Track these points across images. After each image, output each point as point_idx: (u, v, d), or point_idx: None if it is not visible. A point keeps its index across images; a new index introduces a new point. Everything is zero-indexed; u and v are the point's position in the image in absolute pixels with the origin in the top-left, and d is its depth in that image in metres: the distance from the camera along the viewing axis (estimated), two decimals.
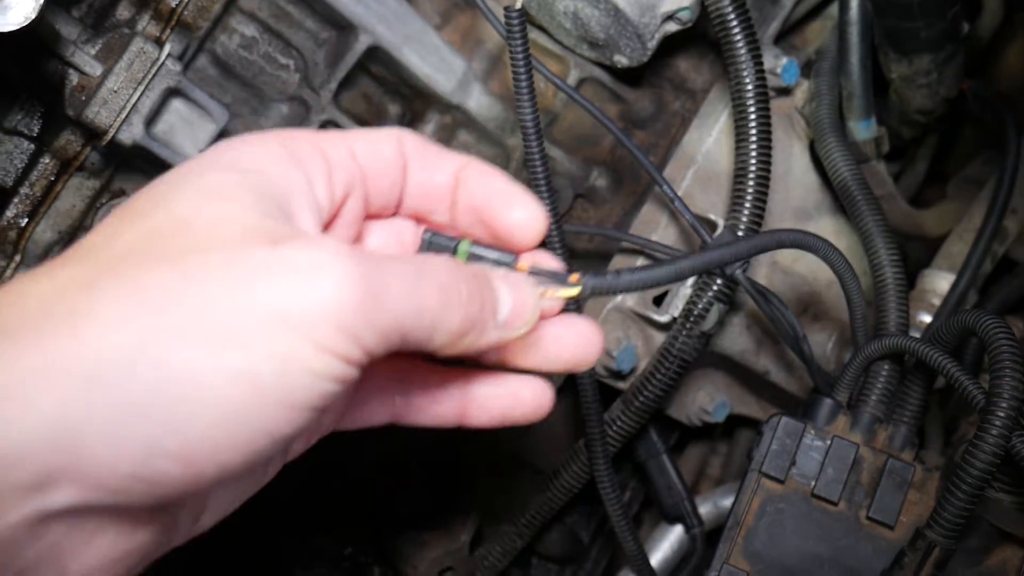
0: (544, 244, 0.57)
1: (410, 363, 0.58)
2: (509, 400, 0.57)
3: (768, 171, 0.89)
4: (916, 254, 1.13)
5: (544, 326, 0.54)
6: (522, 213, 0.54)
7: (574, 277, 0.54)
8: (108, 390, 0.38)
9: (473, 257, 0.53)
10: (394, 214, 0.57)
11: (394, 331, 0.44)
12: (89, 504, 0.40)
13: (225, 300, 0.40)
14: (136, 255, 0.41)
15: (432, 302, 0.45)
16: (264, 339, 0.40)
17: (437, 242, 0.54)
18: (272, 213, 0.45)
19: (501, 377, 0.57)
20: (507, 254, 0.54)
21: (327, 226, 0.51)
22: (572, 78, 0.98)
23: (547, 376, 0.58)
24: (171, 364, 0.39)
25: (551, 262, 0.56)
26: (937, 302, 1.01)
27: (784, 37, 1.03)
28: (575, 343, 0.55)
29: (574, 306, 0.69)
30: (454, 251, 0.53)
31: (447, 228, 0.57)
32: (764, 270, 1.02)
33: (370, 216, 0.56)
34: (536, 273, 0.54)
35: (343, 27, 0.89)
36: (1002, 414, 0.66)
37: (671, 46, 0.98)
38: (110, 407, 0.38)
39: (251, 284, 0.41)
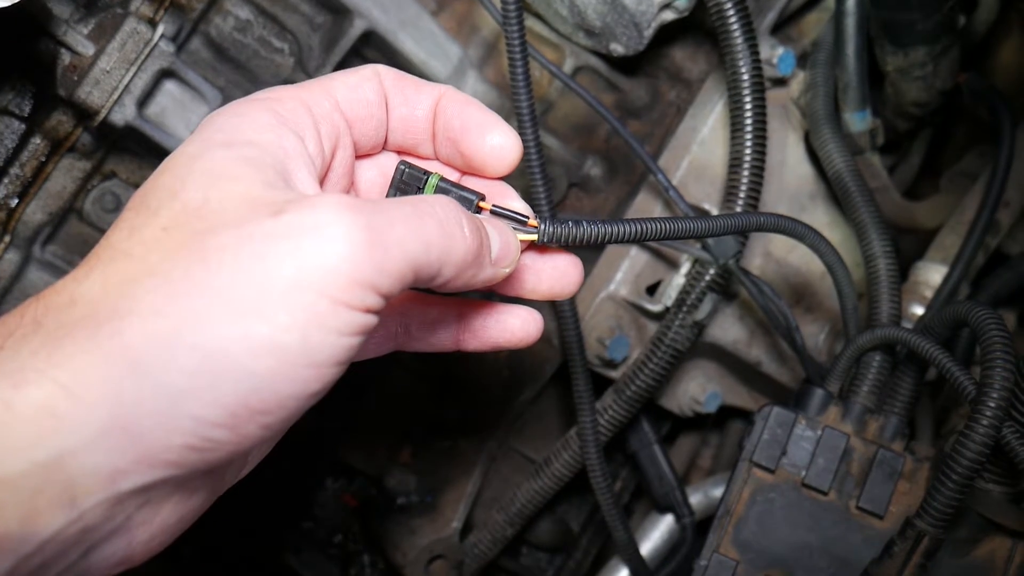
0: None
1: (409, 298, 0.61)
2: (499, 329, 0.60)
3: (763, 161, 0.89)
4: (909, 246, 1.13)
5: (523, 259, 0.57)
6: (498, 139, 0.56)
7: (533, 222, 0.56)
8: (152, 375, 0.41)
9: (440, 191, 0.55)
10: (382, 150, 0.59)
11: (407, 270, 0.46)
12: (154, 481, 0.43)
13: (242, 276, 0.42)
14: (160, 249, 0.44)
15: (436, 238, 0.47)
16: (283, 307, 0.42)
17: (411, 173, 0.55)
18: (273, 182, 0.46)
19: (491, 308, 0.60)
20: (472, 192, 0.55)
21: (323, 180, 0.53)
22: (568, 66, 0.98)
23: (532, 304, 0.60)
24: (204, 344, 0.41)
25: (516, 203, 0.57)
26: (930, 294, 1.01)
27: (780, 28, 1.03)
28: (552, 276, 0.58)
29: None
30: (424, 184, 0.55)
31: (429, 161, 0.59)
32: (758, 261, 1.02)
33: (359, 156, 0.57)
34: (498, 212, 0.55)
35: (338, 11, 0.88)
36: (993, 405, 0.66)
37: (667, 35, 0.98)
38: (157, 390, 0.41)
39: (263, 256, 0.43)
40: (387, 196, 0.56)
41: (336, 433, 1.06)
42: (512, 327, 0.60)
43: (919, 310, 1.01)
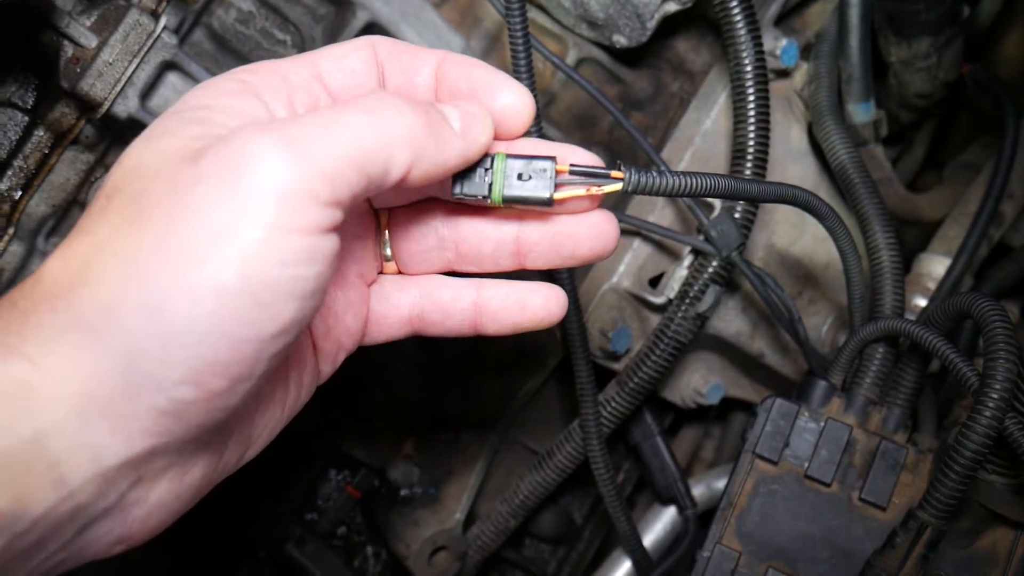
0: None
1: (425, 277, 0.59)
2: (519, 309, 0.57)
3: (766, 153, 0.89)
4: (913, 238, 1.13)
5: (557, 224, 0.55)
6: (510, 98, 0.53)
7: (617, 173, 0.53)
8: (106, 341, 0.41)
9: (511, 168, 0.52)
10: None
11: (346, 170, 0.44)
12: (139, 453, 0.43)
13: (174, 227, 0.42)
14: (105, 218, 0.44)
15: (366, 125, 0.45)
16: (215, 247, 0.41)
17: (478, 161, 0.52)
18: (204, 135, 0.45)
19: (510, 286, 0.57)
20: (544, 159, 0.52)
21: None
22: (571, 58, 0.97)
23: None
24: (148, 302, 0.41)
25: (590, 159, 0.55)
26: (933, 286, 1.01)
27: (784, 19, 1.03)
28: (590, 236, 0.55)
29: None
30: (491, 163, 0.52)
31: None
32: (760, 253, 1.02)
33: None
34: (577, 171, 0.53)
35: (341, 3, 0.88)
36: (996, 396, 0.66)
37: (670, 27, 0.97)
38: (113, 357, 0.41)
39: (188, 202, 0.42)
40: (451, 186, 0.53)
41: (340, 425, 1.07)
42: (533, 306, 0.57)
43: (922, 302, 1.01)
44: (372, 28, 0.88)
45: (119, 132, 0.82)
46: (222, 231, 0.41)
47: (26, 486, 0.41)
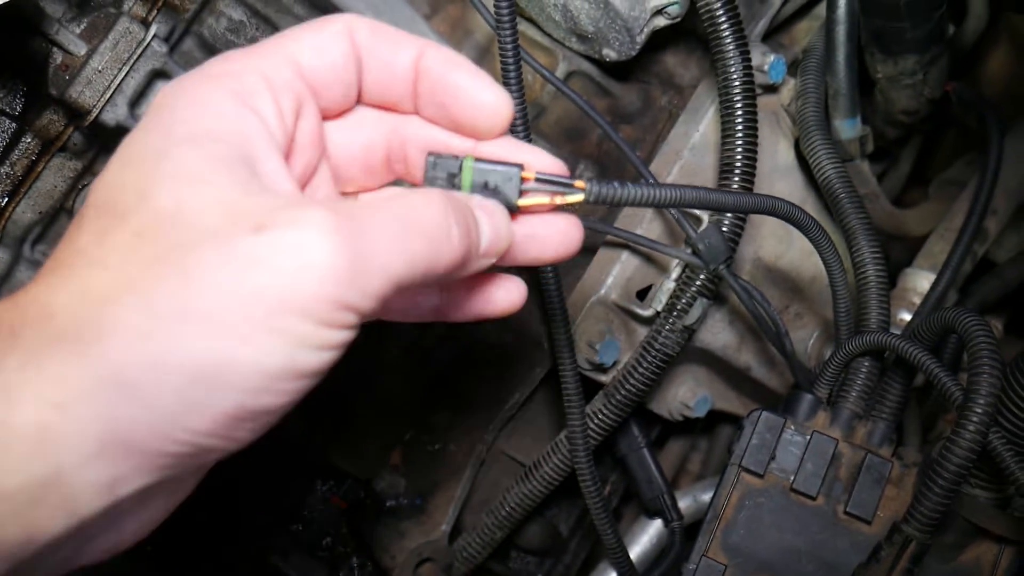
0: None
1: None
2: (483, 300, 0.59)
3: (753, 167, 0.90)
4: (898, 253, 1.14)
5: (523, 227, 0.55)
6: (490, 100, 0.53)
7: (580, 183, 0.54)
8: (142, 396, 0.41)
9: (479, 173, 0.53)
10: (356, 105, 0.56)
11: (388, 287, 0.45)
12: (152, 482, 0.44)
13: (225, 297, 0.42)
14: (136, 259, 0.43)
15: (423, 255, 0.47)
16: (267, 330, 0.42)
17: (442, 164, 0.53)
18: (248, 183, 0.45)
19: (474, 279, 0.58)
20: (512, 166, 0.53)
21: (288, 154, 0.51)
22: (560, 71, 0.98)
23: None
24: (190, 366, 0.42)
25: (554, 165, 0.55)
26: (918, 300, 1.02)
27: (772, 35, 1.04)
28: (556, 240, 0.56)
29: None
30: (459, 169, 0.53)
31: (410, 116, 0.56)
32: (747, 266, 1.02)
33: (328, 118, 0.55)
34: (543, 180, 0.54)
35: (331, 13, 0.88)
36: (979, 411, 0.66)
37: (659, 41, 0.98)
38: (147, 409, 0.42)
39: (245, 277, 0.42)
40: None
41: (326, 436, 1.06)
42: (496, 298, 0.59)
43: (908, 316, 1.02)
44: None
45: (107, 139, 0.82)
46: (275, 316, 0.42)
47: (37, 517, 0.41)
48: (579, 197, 0.54)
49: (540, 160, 0.55)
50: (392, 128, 0.56)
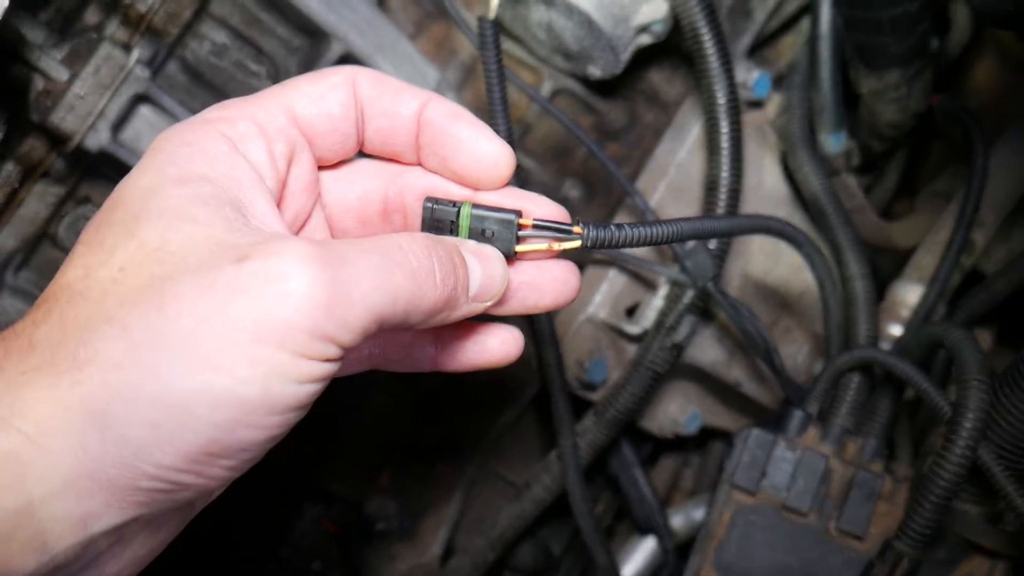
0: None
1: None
2: (478, 350, 0.58)
3: (740, 183, 0.90)
4: (886, 265, 1.14)
5: (520, 274, 0.55)
6: (489, 148, 0.54)
7: (577, 229, 0.54)
8: (115, 428, 0.41)
9: (476, 219, 0.53)
10: (358, 156, 0.56)
11: (370, 323, 0.45)
12: (125, 521, 0.43)
13: (203, 327, 0.42)
14: (117, 292, 0.43)
15: (405, 291, 0.46)
16: (244, 360, 0.42)
17: (440, 209, 0.53)
18: (233, 221, 0.45)
19: (469, 328, 0.58)
20: (509, 212, 0.53)
21: (280, 200, 0.51)
22: (546, 89, 0.98)
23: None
24: (164, 398, 0.41)
25: (553, 212, 0.55)
26: (907, 314, 1.01)
27: (756, 51, 1.04)
28: (554, 288, 0.56)
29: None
30: (457, 216, 0.53)
31: (412, 168, 0.56)
32: (736, 282, 1.02)
33: (325, 168, 0.55)
34: (540, 226, 0.54)
35: (315, 35, 0.88)
36: (968, 425, 0.66)
37: (644, 59, 0.98)
38: (120, 441, 0.41)
39: (223, 307, 0.42)
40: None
41: (315, 458, 1.05)
42: (491, 347, 0.58)
43: (896, 330, 1.02)
44: (347, 60, 0.89)
45: (90, 165, 0.81)
46: (253, 345, 0.42)
47: (7, 553, 0.40)
48: (577, 243, 0.54)
49: (540, 207, 0.55)
50: (390, 179, 0.56)
